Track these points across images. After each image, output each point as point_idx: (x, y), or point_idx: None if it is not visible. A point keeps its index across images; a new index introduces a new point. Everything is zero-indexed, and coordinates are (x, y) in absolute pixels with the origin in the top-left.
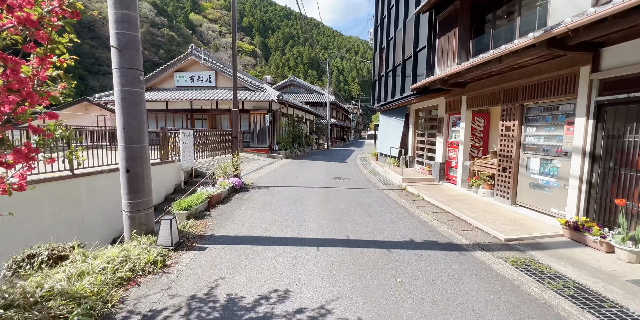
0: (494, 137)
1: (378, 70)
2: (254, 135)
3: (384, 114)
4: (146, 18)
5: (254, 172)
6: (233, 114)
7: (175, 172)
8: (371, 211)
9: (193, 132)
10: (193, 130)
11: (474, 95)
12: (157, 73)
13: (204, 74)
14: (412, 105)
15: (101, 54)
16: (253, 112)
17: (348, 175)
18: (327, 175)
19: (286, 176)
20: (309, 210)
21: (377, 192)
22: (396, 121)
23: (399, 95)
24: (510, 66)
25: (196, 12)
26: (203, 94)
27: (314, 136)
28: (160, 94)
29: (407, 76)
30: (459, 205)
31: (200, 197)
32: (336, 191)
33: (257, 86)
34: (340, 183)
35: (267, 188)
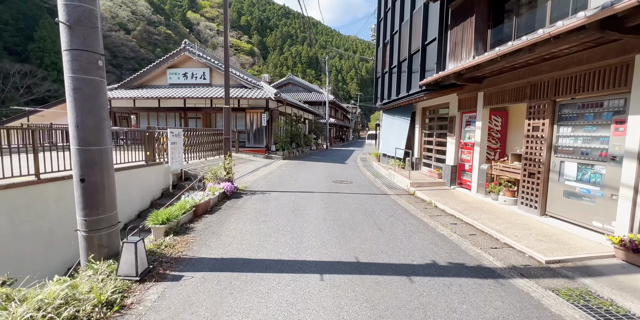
0: (513, 137)
1: (381, 66)
2: (250, 135)
3: (387, 113)
4: (143, 16)
5: (249, 174)
6: (225, 111)
7: (162, 175)
8: (380, 222)
9: (183, 132)
10: (183, 129)
11: (493, 92)
12: (148, 69)
13: (198, 71)
14: (419, 104)
15: None
16: (249, 111)
17: (350, 178)
18: (327, 178)
19: (284, 179)
20: (310, 221)
21: (383, 198)
22: (401, 120)
23: (405, 93)
24: (540, 57)
25: (194, 10)
26: (197, 91)
27: (312, 136)
28: (152, 91)
29: (413, 72)
30: (479, 214)
31: (183, 207)
32: (338, 197)
33: (254, 84)
34: (342, 187)
35: (263, 193)
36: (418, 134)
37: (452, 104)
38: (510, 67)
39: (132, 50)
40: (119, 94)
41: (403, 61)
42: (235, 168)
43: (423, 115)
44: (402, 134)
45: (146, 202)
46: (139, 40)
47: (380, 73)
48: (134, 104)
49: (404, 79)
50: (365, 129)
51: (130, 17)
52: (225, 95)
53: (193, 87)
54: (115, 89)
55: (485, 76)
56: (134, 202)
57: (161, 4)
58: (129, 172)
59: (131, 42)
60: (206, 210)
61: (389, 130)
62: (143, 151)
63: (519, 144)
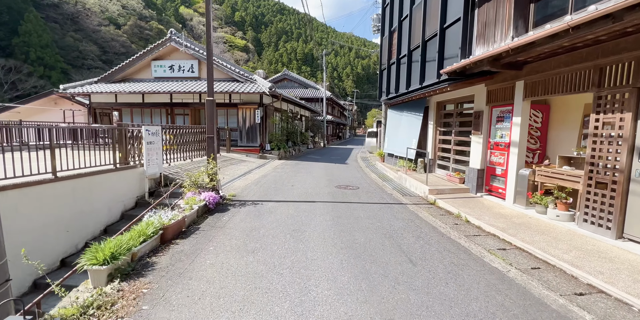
0: (556, 136)
1: (386, 57)
2: (243, 133)
3: (393, 109)
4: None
5: (240, 178)
6: (208, 105)
7: (136, 181)
8: (408, 249)
9: (161, 129)
10: (162, 126)
11: (538, 80)
12: (131, 61)
13: (186, 63)
14: (433, 97)
15: (85, 47)
16: (242, 107)
17: (355, 182)
18: (329, 182)
19: (280, 184)
20: (315, 248)
21: (400, 209)
22: (411, 117)
23: (417, 85)
24: (621, 30)
25: (187, 5)
26: (184, 85)
27: (309, 134)
28: (136, 85)
29: (428, 61)
30: (530, 235)
31: (143, 233)
32: (347, 208)
33: (246, 77)
34: (348, 194)
35: (254, 204)
36: (432, 132)
37: (479, 97)
38: (570, 46)
39: (123, 46)
40: (99, 88)
41: (414, 49)
42: (224, 170)
43: (438, 110)
44: (412, 132)
45: (115, 214)
46: (130, 35)
47: (386, 64)
48: (115, 100)
49: (415, 69)
50: (361, 126)
51: (121, 11)
52: (209, 84)
53: (180, 80)
54: (95, 82)
55: (528, 61)
56: (100, 214)
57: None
58: (92, 178)
59: (122, 37)
60: (179, 231)
61: (395, 128)
62: (112, 152)
63: (565, 143)
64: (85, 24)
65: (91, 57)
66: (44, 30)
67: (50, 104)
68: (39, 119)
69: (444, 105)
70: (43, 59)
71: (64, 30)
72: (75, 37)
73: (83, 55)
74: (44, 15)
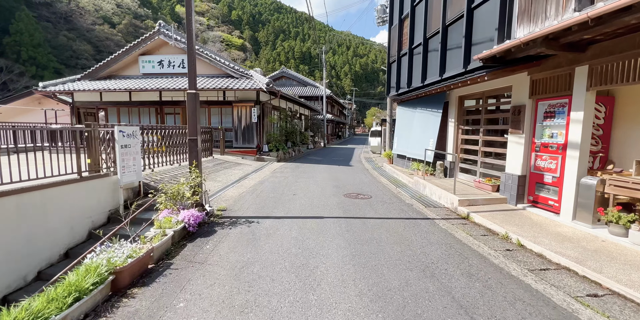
0: (622, 135)
1: (396, 49)
2: (239, 133)
3: (404, 106)
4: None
5: (233, 185)
6: (189, 99)
7: (108, 192)
8: (467, 301)
9: (141, 130)
10: (141, 126)
11: (608, 64)
12: (117, 57)
13: (176, 58)
14: (454, 91)
15: (79, 47)
16: (237, 105)
17: (365, 189)
18: (336, 189)
19: (279, 192)
20: (333, 303)
21: (429, 227)
22: (427, 114)
23: (436, 77)
24: None
25: (182, 4)
26: (175, 82)
27: (309, 133)
28: (122, 82)
29: (450, 49)
30: (624, 271)
31: (77, 286)
32: (363, 227)
33: (242, 72)
34: (361, 205)
35: (248, 223)
36: (453, 130)
37: (519, 89)
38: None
39: (118, 45)
40: (83, 86)
41: (432, 37)
42: (216, 175)
43: (460, 106)
44: (429, 131)
45: (81, 233)
46: (125, 34)
47: (396, 57)
48: (100, 98)
49: (433, 60)
50: (360, 125)
51: (115, 10)
52: (190, 72)
53: (170, 77)
54: (78, 80)
55: (597, 39)
56: (59, 235)
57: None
58: (47, 192)
59: (116, 36)
60: (143, 271)
61: (407, 127)
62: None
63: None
64: (79, 22)
65: (85, 56)
66: (36, 29)
67: (34, 104)
68: (21, 119)
69: (468, 99)
70: (35, 58)
71: (57, 29)
72: (68, 36)
73: (77, 54)
74: (36, 14)
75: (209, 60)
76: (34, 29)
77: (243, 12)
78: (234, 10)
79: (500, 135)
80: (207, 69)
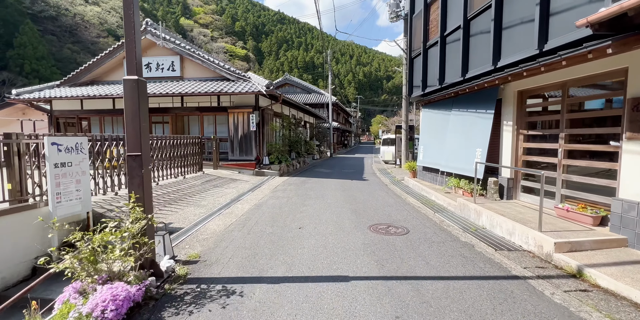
0: None
1: (420, 40)
2: (235, 143)
3: (432, 108)
4: None
5: (221, 211)
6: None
7: (35, 230)
8: None
9: (88, 143)
10: (89, 138)
11: None
12: (100, 60)
13: (165, 60)
14: (511, 85)
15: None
16: (233, 111)
17: (394, 216)
18: (356, 217)
19: (280, 226)
20: None
21: (531, 299)
22: (470, 116)
23: (487, 67)
24: None
25: (187, 17)
26: (164, 87)
27: (315, 142)
28: (105, 88)
29: (509, 26)
30: None
31: None
32: (420, 301)
33: (238, 74)
34: (399, 249)
35: (227, 296)
36: (510, 137)
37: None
38: None
39: None
40: (61, 93)
41: (477, 15)
42: (200, 199)
43: (521, 104)
44: (475, 138)
45: None
46: None
47: (420, 50)
48: (81, 106)
49: (480, 45)
50: (365, 133)
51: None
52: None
53: (159, 81)
54: (57, 86)
55: None
56: None
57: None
58: None
59: None
60: None
61: (438, 133)
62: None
63: None
64: (84, 35)
65: None
66: (40, 42)
67: (17, 114)
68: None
69: (533, 95)
70: (38, 71)
71: (62, 42)
72: (72, 49)
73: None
74: (41, 27)
75: (201, 61)
76: (37, 42)
77: (246, 23)
78: (238, 21)
79: (600, 142)
80: (199, 71)
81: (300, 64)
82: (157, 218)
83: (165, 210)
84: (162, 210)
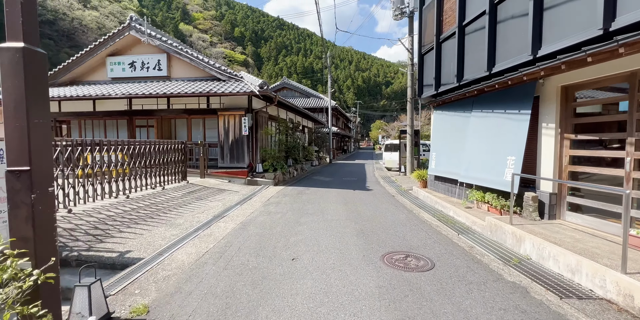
0: None
1: (434, 32)
2: (225, 149)
3: (447, 109)
4: None
5: (198, 233)
6: (4, 63)
7: None
8: None
9: None
10: None
11: None
12: (80, 58)
13: (151, 58)
14: (552, 79)
15: None
16: (223, 113)
17: (410, 239)
18: (364, 242)
19: (268, 257)
20: None
21: None
22: (497, 118)
23: (523, 57)
24: None
25: (186, 22)
26: (150, 87)
27: (314, 148)
28: (86, 89)
29: (555, 5)
30: None
31: None
32: None
33: (230, 73)
34: (427, 296)
35: None
36: (552, 142)
37: None
38: None
39: None
40: None
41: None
42: (177, 214)
43: (566, 101)
44: (507, 143)
45: None
46: None
47: (433, 44)
48: (59, 108)
49: (513, 31)
50: (364, 138)
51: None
52: None
53: (144, 81)
54: None
55: None
56: None
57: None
58: None
59: None
60: None
61: (455, 138)
62: None
63: None
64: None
65: None
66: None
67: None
68: None
69: (583, 92)
70: None
71: (59, 46)
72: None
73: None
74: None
75: (189, 59)
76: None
77: (246, 28)
78: (237, 27)
79: None
80: (187, 70)
81: (300, 70)
82: (112, 245)
83: (127, 233)
84: (123, 232)
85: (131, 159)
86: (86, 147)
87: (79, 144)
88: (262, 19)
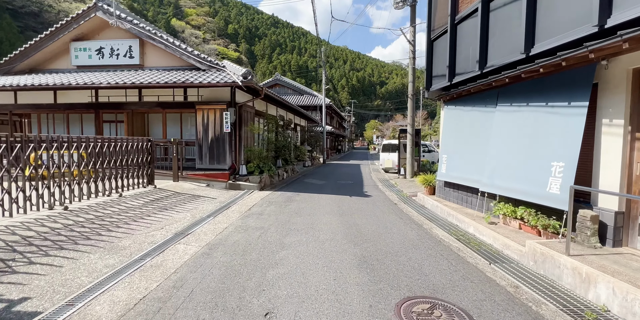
0: None
1: (448, 12)
2: (204, 148)
3: (461, 104)
4: None
5: (142, 264)
6: None
7: None
8: None
9: None
10: None
11: None
12: (38, 42)
13: (121, 44)
14: (622, 59)
15: None
16: (202, 108)
17: (431, 276)
18: (370, 282)
19: (229, 314)
20: None
21: None
22: (532, 113)
23: (587, 29)
24: None
25: (179, 18)
26: (120, 77)
27: (306, 147)
28: (45, 78)
29: None
30: None
31: None
32: None
33: (210, 62)
34: None
35: None
36: (620, 144)
37: None
38: None
39: None
40: None
41: None
42: (128, 231)
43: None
44: (548, 146)
45: None
46: None
47: (447, 27)
48: (15, 100)
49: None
50: (359, 138)
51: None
52: None
53: (114, 70)
54: None
55: None
56: None
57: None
58: None
59: None
60: None
61: (475, 138)
62: None
63: None
64: None
65: None
66: (18, 39)
67: None
68: None
69: None
70: None
71: None
72: None
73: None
74: (22, 24)
75: (164, 45)
76: (15, 37)
77: (239, 26)
78: (231, 24)
79: None
80: (162, 58)
81: (294, 68)
82: (4, 287)
83: (39, 265)
84: (34, 263)
85: (79, 160)
86: (15, 145)
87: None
88: (256, 17)
